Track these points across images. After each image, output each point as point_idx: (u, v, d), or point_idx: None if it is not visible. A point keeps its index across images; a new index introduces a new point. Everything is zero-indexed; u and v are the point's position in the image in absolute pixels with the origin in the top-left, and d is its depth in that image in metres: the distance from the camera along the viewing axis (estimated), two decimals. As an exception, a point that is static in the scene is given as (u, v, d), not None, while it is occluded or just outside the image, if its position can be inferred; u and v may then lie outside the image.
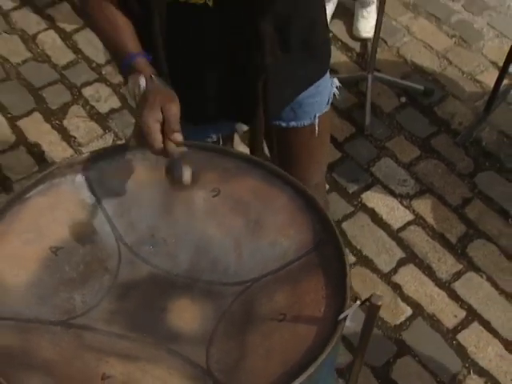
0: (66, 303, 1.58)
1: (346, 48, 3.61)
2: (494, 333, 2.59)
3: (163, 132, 1.53)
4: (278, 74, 1.97)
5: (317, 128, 2.17)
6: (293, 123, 2.12)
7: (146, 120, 1.52)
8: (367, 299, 1.35)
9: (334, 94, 2.21)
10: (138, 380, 1.45)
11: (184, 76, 1.91)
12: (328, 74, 2.17)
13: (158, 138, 1.51)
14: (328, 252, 1.53)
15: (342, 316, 1.33)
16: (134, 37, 1.82)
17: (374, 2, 3.75)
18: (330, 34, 3.68)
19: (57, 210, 1.69)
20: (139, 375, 1.47)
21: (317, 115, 2.12)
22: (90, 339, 1.52)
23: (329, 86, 2.18)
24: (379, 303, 1.32)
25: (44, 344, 1.48)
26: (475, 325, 2.61)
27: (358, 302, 1.35)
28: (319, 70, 2.13)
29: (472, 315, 2.65)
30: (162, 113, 1.52)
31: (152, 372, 1.45)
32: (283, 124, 2.11)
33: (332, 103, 2.35)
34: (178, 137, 1.51)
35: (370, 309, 1.37)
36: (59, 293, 1.59)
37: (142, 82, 1.63)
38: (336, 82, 2.27)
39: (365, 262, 2.91)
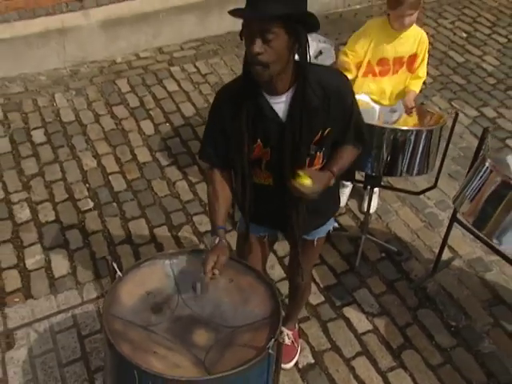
0: (146, 318, 2.11)
1: (354, 217, 3.90)
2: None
3: (212, 267, 2.01)
4: (304, 221, 2.37)
5: (316, 243, 2.58)
6: (304, 237, 2.50)
7: (207, 258, 2.03)
8: (276, 338, 1.85)
9: (330, 231, 2.61)
10: (168, 359, 1.93)
11: (255, 204, 2.31)
12: (332, 220, 2.60)
13: (208, 268, 2.01)
14: (274, 319, 2.03)
15: (268, 347, 1.83)
16: (225, 212, 2.26)
17: (375, 192, 3.87)
18: (346, 207, 4.01)
19: (153, 274, 2.26)
20: (170, 356, 1.96)
21: (317, 237, 2.56)
22: (153, 337, 2.04)
23: (330, 227, 2.59)
24: (281, 341, 1.90)
25: (135, 335, 2.03)
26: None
27: (273, 340, 1.83)
28: (326, 220, 2.56)
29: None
30: (217, 258, 2.01)
31: (176, 358, 1.96)
32: (312, 237, 2.55)
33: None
34: (216, 272, 2.00)
35: (278, 347, 1.88)
36: (145, 312, 2.12)
37: (216, 241, 2.10)
38: (335, 224, 2.77)
39: (336, 349, 3.11)
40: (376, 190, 3.77)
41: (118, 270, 2.13)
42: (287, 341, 2.98)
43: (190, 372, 1.90)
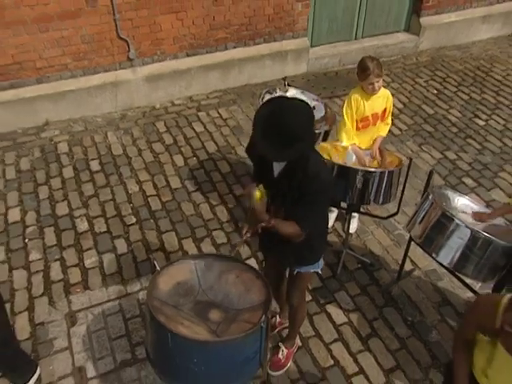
0: (176, 300, 2.34)
1: (338, 235, 3.96)
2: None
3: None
4: (285, 257, 2.55)
5: (296, 276, 2.67)
6: (296, 270, 2.62)
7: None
8: (267, 316, 2.11)
9: (315, 271, 2.65)
10: (191, 328, 2.16)
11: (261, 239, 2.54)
12: (315, 266, 2.61)
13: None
14: (266, 304, 2.26)
15: (261, 322, 2.11)
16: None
17: (355, 216, 3.98)
18: (332, 228, 3.99)
19: (182, 270, 2.48)
20: (192, 327, 2.18)
21: (297, 271, 2.63)
22: (180, 313, 2.26)
23: (311, 270, 2.64)
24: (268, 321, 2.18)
25: (168, 311, 2.25)
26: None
27: (264, 317, 2.09)
28: (302, 264, 2.59)
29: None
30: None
31: (196, 328, 2.20)
32: (294, 269, 2.64)
33: (325, 260, 2.89)
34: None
35: (268, 323, 2.16)
36: (175, 296, 2.36)
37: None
38: (322, 265, 2.64)
39: (318, 336, 3.23)
40: (355, 214, 3.93)
41: (157, 266, 2.41)
42: (281, 356, 3.04)
43: (206, 337, 2.18)
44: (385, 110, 3.53)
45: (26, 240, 3.88)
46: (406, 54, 6.54)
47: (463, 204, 3.10)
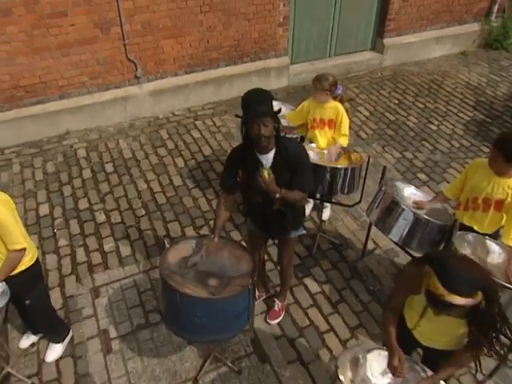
0: (182, 270, 2.55)
1: (314, 222, 4.11)
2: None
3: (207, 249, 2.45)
4: (281, 226, 2.71)
5: (289, 241, 2.89)
6: (290, 235, 2.83)
7: (206, 245, 2.47)
8: (253, 279, 2.37)
9: (301, 235, 2.89)
10: (195, 290, 2.37)
11: (252, 214, 2.69)
12: (300, 230, 2.86)
13: (206, 251, 2.45)
14: (252, 272, 2.49)
15: (248, 284, 2.35)
16: (220, 223, 2.54)
17: (327, 206, 4.11)
18: (309, 216, 4.14)
19: (186, 247, 2.70)
20: (195, 289, 2.39)
21: (289, 237, 2.85)
22: (186, 280, 2.49)
23: (298, 233, 2.88)
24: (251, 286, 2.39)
25: (176, 278, 2.47)
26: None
27: (251, 281, 2.34)
28: (293, 229, 2.83)
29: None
30: (208, 244, 2.49)
31: (198, 290, 2.43)
32: (287, 236, 2.85)
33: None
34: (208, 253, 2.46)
35: (253, 285, 2.38)
36: (181, 267, 2.56)
37: (212, 236, 2.51)
38: (303, 232, 2.93)
39: (297, 302, 3.39)
40: (327, 204, 4.13)
41: (166, 244, 2.69)
42: (276, 308, 3.29)
43: (207, 295, 2.44)
44: (332, 120, 3.61)
45: (55, 230, 4.06)
46: (372, 70, 6.64)
47: (410, 193, 3.36)
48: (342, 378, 2.03)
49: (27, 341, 3.14)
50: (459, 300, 1.77)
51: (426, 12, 6.61)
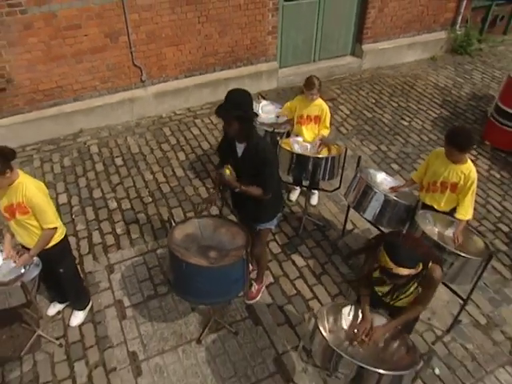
0: (187, 245, 2.70)
1: (300, 206, 4.22)
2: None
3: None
4: (246, 215, 2.78)
5: (258, 231, 2.93)
6: (258, 226, 2.91)
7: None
8: (247, 252, 2.52)
9: (276, 226, 2.98)
10: (198, 260, 2.53)
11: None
12: (274, 220, 2.87)
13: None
14: (246, 245, 2.63)
15: (243, 255, 2.50)
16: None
17: (315, 193, 4.20)
18: (297, 201, 4.21)
19: (190, 225, 2.85)
20: (198, 260, 2.55)
21: (258, 228, 2.92)
22: (190, 253, 2.62)
23: (269, 227, 2.93)
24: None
25: (182, 251, 2.60)
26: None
27: (245, 252, 2.48)
28: (265, 219, 2.87)
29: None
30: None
31: (200, 261, 2.57)
32: (255, 226, 2.94)
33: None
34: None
35: (247, 256, 2.52)
36: (186, 242, 2.72)
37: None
38: (275, 224, 2.89)
39: (285, 275, 3.55)
40: (315, 191, 4.25)
41: (173, 222, 2.82)
42: (253, 289, 3.36)
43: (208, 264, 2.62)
44: (318, 116, 3.73)
45: (73, 216, 4.20)
46: (352, 73, 6.71)
47: (382, 178, 3.59)
48: (320, 327, 2.25)
49: (54, 309, 3.32)
50: (404, 271, 2.02)
51: (399, 22, 6.74)
